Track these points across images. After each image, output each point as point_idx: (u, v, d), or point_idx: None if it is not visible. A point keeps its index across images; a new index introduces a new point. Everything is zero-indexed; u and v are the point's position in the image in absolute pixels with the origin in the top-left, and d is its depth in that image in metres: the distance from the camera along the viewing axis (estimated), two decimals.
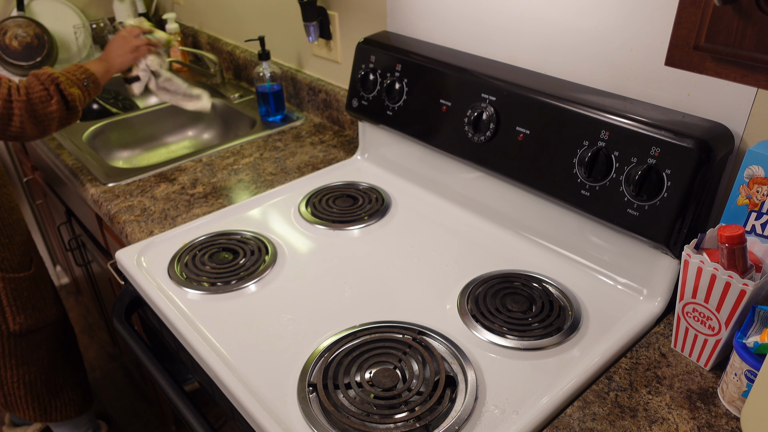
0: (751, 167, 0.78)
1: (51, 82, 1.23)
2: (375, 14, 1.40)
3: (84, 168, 1.47)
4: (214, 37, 2.14)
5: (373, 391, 0.81)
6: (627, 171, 0.90)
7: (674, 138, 0.85)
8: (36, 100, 1.21)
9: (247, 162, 1.48)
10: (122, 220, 1.26)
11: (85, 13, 2.31)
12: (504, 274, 1.03)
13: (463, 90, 1.12)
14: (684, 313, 0.85)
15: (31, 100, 1.20)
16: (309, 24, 1.51)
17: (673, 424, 0.77)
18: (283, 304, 0.99)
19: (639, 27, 0.92)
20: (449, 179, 1.25)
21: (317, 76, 1.70)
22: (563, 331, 0.91)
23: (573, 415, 0.79)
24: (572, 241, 1.05)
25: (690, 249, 0.80)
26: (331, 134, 1.62)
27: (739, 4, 0.51)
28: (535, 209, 1.09)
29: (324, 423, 0.77)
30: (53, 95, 1.23)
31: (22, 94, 1.20)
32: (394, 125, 1.27)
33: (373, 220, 1.21)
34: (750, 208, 0.80)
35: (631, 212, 0.91)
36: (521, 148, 1.04)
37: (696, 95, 0.90)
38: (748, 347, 0.74)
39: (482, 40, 1.17)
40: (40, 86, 1.22)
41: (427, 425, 0.76)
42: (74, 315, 2.58)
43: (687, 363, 0.87)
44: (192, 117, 1.92)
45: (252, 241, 1.14)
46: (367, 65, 1.30)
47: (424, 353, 0.86)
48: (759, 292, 0.77)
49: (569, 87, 1.02)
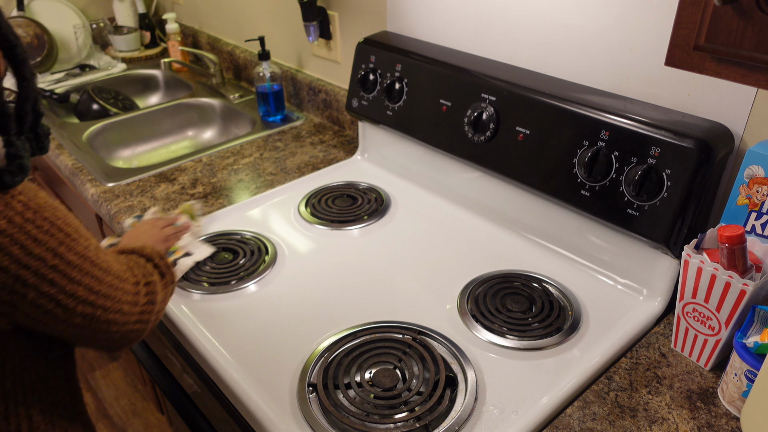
0: (751, 167, 0.78)
1: (169, 271, 0.86)
2: (375, 14, 1.40)
3: (84, 168, 1.47)
4: (214, 37, 2.13)
5: (373, 391, 0.81)
6: (627, 171, 0.90)
7: (674, 138, 0.84)
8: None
9: (247, 162, 1.48)
10: (122, 220, 1.26)
11: (85, 13, 2.31)
12: (504, 274, 1.03)
13: (463, 90, 1.12)
14: (684, 313, 0.85)
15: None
16: (309, 24, 1.51)
17: (673, 424, 0.77)
18: (283, 304, 0.99)
19: (639, 27, 0.92)
20: (449, 179, 1.25)
21: (317, 76, 1.70)
22: (563, 331, 0.91)
23: (573, 415, 0.79)
24: (572, 241, 1.05)
25: (690, 249, 0.80)
26: (331, 134, 1.62)
27: (739, 4, 0.51)
28: (535, 209, 1.09)
29: (324, 423, 0.77)
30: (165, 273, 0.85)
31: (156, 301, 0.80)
32: (394, 125, 1.27)
33: (373, 220, 1.20)
34: (750, 208, 0.80)
35: (631, 212, 0.90)
36: (521, 148, 1.04)
37: (696, 95, 0.90)
38: (748, 347, 0.74)
39: (482, 40, 1.17)
40: (165, 285, 0.84)
41: (427, 425, 0.76)
42: None
43: (687, 363, 0.87)
44: (192, 117, 1.92)
45: (252, 241, 1.14)
46: (367, 65, 1.30)
47: (424, 353, 0.86)
48: (759, 292, 0.77)
49: (569, 87, 1.02)
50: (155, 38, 2.35)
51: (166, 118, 1.88)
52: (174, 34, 2.14)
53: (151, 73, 2.19)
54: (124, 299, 0.71)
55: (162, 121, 1.88)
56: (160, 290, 0.80)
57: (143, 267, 0.80)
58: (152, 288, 0.78)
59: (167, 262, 0.85)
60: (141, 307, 0.74)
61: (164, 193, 1.35)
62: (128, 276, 0.74)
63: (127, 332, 0.73)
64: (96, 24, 2.27)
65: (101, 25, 2.28)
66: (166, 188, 1.37)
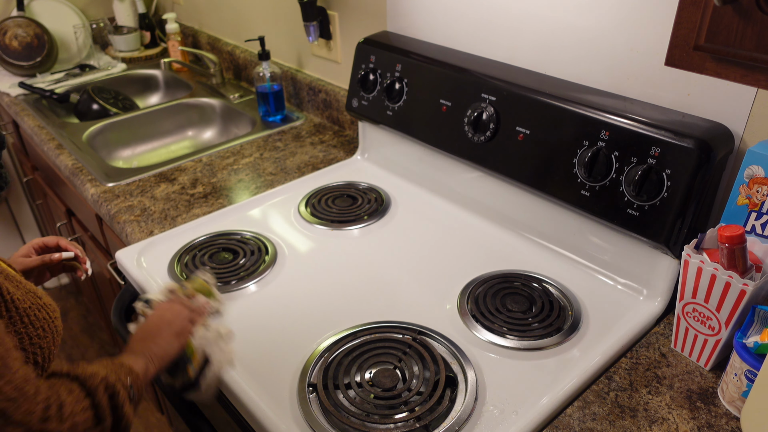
0: (751, 167, 0.78)
1: (104, 391, 0.69)
2: (375, 14, 1.40)
3: (84, 168, 1.47)
4: (214, 37, 2.13)
5: (373, 392, 0.81)
6: (627, 171, 0.90)
7: (674, 138, 0.84)
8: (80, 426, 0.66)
9: (247, 162, 1.48)
10: (122, 220, 1.26)
11: (85, 13, 2.31)
12: (504, 274, 1.03)
13: (463, 90, 1.12)
14: (684, 313, 0.85)
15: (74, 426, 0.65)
16: (309, 24, 1.51)
17: (673, 424, 0.77)
18: (283, 304, 0.99)
19: (639, 27, 0.92)
20: (449, 179, 1.25)
21: (317, 76, 1.70)
22: (563, 331, 0.91)
23: (573, 415, 0.79)
24: (572, 241, 1.05)
25: (690, 249, 0.80)
26: (331, 134, 1.62)
27: (739, 4, 0.51)
28: (535, 209, 1.09)
29: (324, 423, 0.77)
30: (105, 418, 0.68)
31: (65, 419, 0.64)
32: (394, 125, 1.27)
33: (373, 219, 1.20)
34: (750, 208, 0.80)
35: (631, 212, 0.90)
36: (521, 148, 1.04)
37: (696, 95, 0.90)
38: (748, 347, 0.74)
39: (482, 40, 1.17)
40: (84, 401, 0.66)
41: (427, 425, 0.76)
42: (74, 315, 2.58)
43: (687, 363, 0.87)
44: (192, 117, 1.92)
45: (252, 241, 1.14)
46: (367, 65, 1.30)
47: (424, 353, 0.86)
48: (759, 292, 0.77)
49: (569, 87, 1.02)
50: (155, 38, 2.35)
51: (166, 118, 1.88)
52: (174, 34, 2.14)
53: (151, 73, 2.19)
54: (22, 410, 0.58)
55: (162, 121, 1.88)
56: (70, 418, 0.63)
57: (70, 391, 0.65)
58: (62, 412, 0.62)
59: (117, 402, 0.68)
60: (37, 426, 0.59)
61: (164, 193, 1.35)
62: (33, 391, 0.60)
63: None
64: (96, 24, 2.27)
65: (101, 25, 2.28)
66: (166, 188, 1.37)
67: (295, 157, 1.49)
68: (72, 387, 0.66)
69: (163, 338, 0.80)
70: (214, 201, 1.31)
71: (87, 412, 0.65)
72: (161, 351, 0.78)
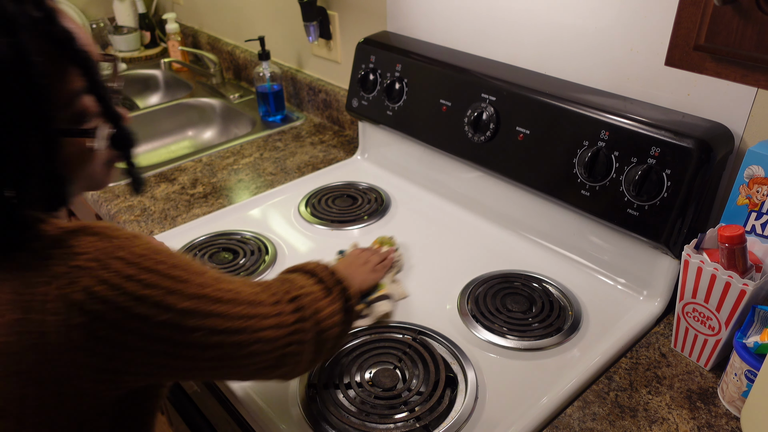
0: (751, 167, 0.78)
1: (336, 284, 0.73)
2: (375, 14, 1.40)
3: None
4: (214, 37, 2.13)
5: (373, 391, 0.81)
6: (627, 171, 0.90)
7: (674, 138, 0.84)
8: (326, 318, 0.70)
9: (247, 162, 1.48)
10: (122, 220, 1.26)
11: (85, 13, 2.31)
12: (504, 274, 1.03)
13: (463, 90, 1.12)
14: (684, 313, 0.85)
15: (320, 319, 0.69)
16: (309, 24, 1.51)
17: (673, 424, 0.77)
18: None
19: (639, 27, 0.92)
20: (449, 179, 1.25)
21: (317, 76, 1.70)
22: (563, 331, 0.91)
23: (573, 415, 0.79)
24: (572, 241, 1.05)
25: (690, 249, 0.80)
26: (331, 134, 1.62)
27: (739, 4, 0.51)
28: (535, 209, 1.09)
29: (324, 423, 0.77)
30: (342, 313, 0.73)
31: (309, 315, 0.67)
32: (394, 125, 1.27)
33: (373, 219, 1.20)
34: (750, 208, 0.80)
35: (631, 212, 0.90)
36: (521, 148, 1.04)
37: (696, 95, 0.90)
38: (748, 347, 0.74)
39: (482, 40, 1.17)
40: (326, 296, 0.71)
41: (427, 425, 0.76)
42: None
43: (687, 363, 0.87)
44: (192, 117, 1.92)
45: (252, 241, 1.14)
46: (367, 65, 1.30)
47: (424, 353, 0.86)
48: (759, 292, 0.77)
49: (569, 87, 1.02)
50: (155, 38, 2.35)
51: (166, 118, 1.88)
52: (174, 34, 2.14)
53: (151, 73, 2.19)
54: (263, 324, 0.61)
55: (162, 121, 1.87)
56: (314, 305, 0.67)
57: (291, 282, 0.69)
58: (301, 302, 0.66)
59: (338, 278, 0.73)
60: (290, 327, 0.63)
61: (164, 193, 1.35)
62: (264, 297, 0.63)
63: (280, 357, 0.63)
64: (96, 24, 2.27)
65: (101, 25, 2.28)
66: (166, 188, 1.37)
67: (295, 157, 1.49)
68: (289, 277, 0.72)
69: (360, 274, 0.95)
70: (214, 201, 1.31)
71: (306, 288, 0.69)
72: (359, 283, 0.92)
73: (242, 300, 0.60)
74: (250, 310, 0.60)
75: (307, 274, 0.73)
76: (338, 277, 0.73)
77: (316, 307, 0.68)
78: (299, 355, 0.65)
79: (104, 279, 0.51)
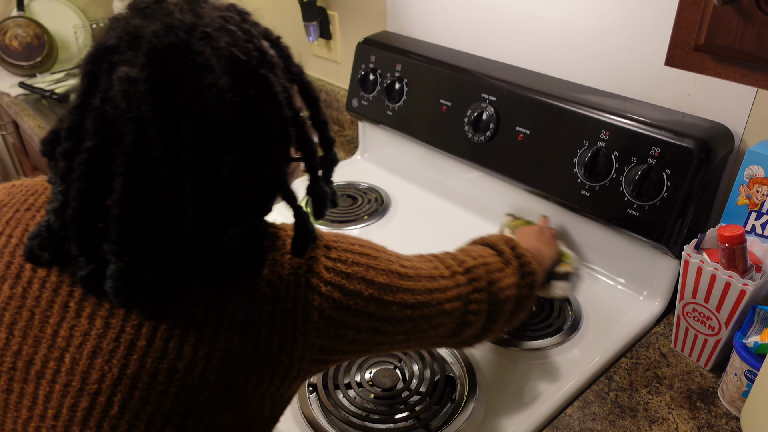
0: (751, 167, 0.78)
1: (516, 257, 0.75)
2: (375, 14, 1.40)
3: None
4: None
5: (373, 391, 0.81)
6: (627, 171, 0.90)
7: (674, 138, 0.84)
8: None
9: None
10: None
11: (85, 13, 2.31)
12: None
13: (463, 90, 1.12)
14: (684, 313, 0.85)
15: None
16: (309, 24, 1.51)
17: (673, 424, 0.77)
18: None
19: (639, 27, 0.92)
20: (449, 179, 1.25)
21: (317, 76, 1.70)
22: (563, 331, 0.91)
23: (573, 415, 0.79)
24: (572, 241, 1.05)
25: (690, 249, 0.80)
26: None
27: (739, 4, 0.51)
28: (535, 209, 1.09)
29: (324, 423, 0.77)
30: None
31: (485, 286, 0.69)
32: (394, 125, 1.27)
33: (373, 220, 1.20)
34: (750, 208, 0.80)
35: (631, 212, 0.90)
36: (521, 148, 1.04)
37: (696, 95, 0.90)
38: (748, 347, 0.74)
39: (482, 40, 1.17)
40: (503, 267, 0.73)
41: (427, 425, 0.76)
42: None
43: (687, 363, 0.87)
44: None
45: None
46: (367, 65, 1.30)
47: (424, 353, 0.85)
48: (759, 292, 0.77)
49: (569, 87, 1.02)
50: None
51: None
52: None
53: None
54: (443, 297, 0.64)
55: None
56: (489, 276, 0.69)
57: (467, 252, 0.71)
58: (476, 273, 0.68)
59: (518, 252, 0.75)
60: (466, 298, 0.66)
61: None
62: (441, 271, 0.66)
63: (458, 326, 0.66)
64: (96, 24, 2.27)
65: (101, 25, 2.28)
66: None
67: None
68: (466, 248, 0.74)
69: (543, 248, 0.90)
70: None
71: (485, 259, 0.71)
72: (545, 259, 0.88)
73: (422, 275, 0.63)
74: (431, 284, 0.63)
75: (486, 246, 0.76)
76: (519, 251, 0.75)
77: (492, 278, 0.70)
78: (474, 324, 0.68)
79: (324, 264, 0.55)
